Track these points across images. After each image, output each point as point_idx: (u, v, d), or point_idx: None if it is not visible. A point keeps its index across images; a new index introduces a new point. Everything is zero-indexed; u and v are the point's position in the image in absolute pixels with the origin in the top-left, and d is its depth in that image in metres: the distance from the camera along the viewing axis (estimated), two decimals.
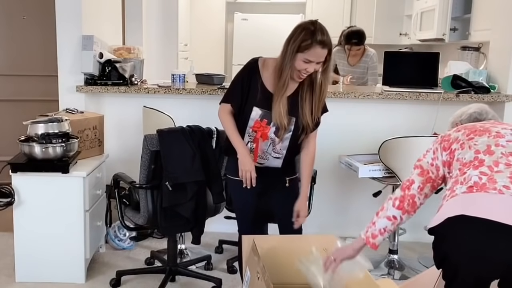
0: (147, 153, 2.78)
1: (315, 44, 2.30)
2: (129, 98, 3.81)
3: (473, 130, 1.90)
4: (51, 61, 3.90)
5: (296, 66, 2.35)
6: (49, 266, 3.08)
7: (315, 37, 2.30)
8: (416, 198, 1.93)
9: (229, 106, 2.52)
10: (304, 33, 2.32)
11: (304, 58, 2.32)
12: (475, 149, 1.82)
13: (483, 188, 1.71)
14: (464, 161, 1.83)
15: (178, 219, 2.84)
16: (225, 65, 6.95)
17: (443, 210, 1.76)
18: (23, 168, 2.99)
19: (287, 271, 2.45)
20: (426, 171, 1.95)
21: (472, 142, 1.85)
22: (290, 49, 2.34)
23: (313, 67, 2.35)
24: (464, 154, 1.84)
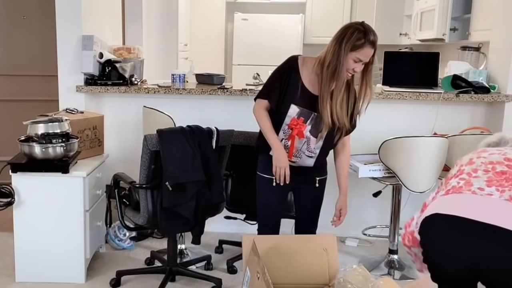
0: (147, 153, 2.77)
1: (367, 43, 2.38)
2: (129, 98, 3.81)
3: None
4: (51, 61, 3.90)
5: (346, 65, 2.41)
6: (49, 266, 3.08)
7: (368, 37, 2.39)
8: (416, 234, 1.95)
9: (266, 102, 2.55)
10: (357, 33, 2.39)
11: (355, 57, 2.39)
12: (459, 165, 2.00)
13: (459, 190, 1.84)
14: (449, 176, 2.00)
15: (178, 219, 2.84)
16: (225, 65, 6.95)
17: (424, 212, 1.89)
18: (23, 168, 2.99)
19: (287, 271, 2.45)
20: None
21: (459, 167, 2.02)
22: (343, 49, 2.39)
23: (360, 67, 2.43)
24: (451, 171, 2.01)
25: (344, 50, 2.39)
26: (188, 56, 5.92)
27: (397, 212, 3.39)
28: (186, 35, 6.08)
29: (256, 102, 2.59)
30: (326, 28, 5.57)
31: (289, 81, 2.51)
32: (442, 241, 1.76)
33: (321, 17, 6.68)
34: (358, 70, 2.43)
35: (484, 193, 1.78)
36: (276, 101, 2.52)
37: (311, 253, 2.49)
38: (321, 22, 6.58)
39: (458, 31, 4.70)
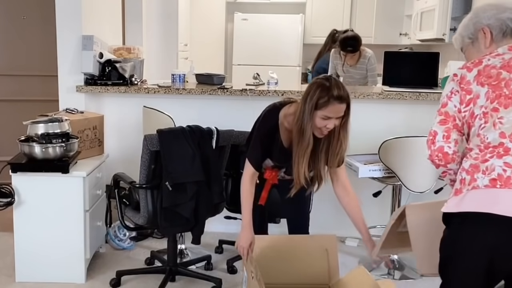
0: (147, 153, 2.77)
1: (332, 100, 2.27)
2: (129, 98, 3.81)
3: (498, 91, 1.69)
4: (51, 61, 3.90)
5: (316, 124, 2.32)
6: (49, 266, 3.08)
7: (331, 92, 2.26)
8: (447, 149, 1.77)
9: (252, 167, 2.51)
10: (320, 90, 2.29)
11: (323, 115, 2.29)
12: (500, 131, 1.65)
13: (507, 183, 1.60)
14: (486, 142, 1.68)
15: (178, 219, 2.84)
16: (225, 65, 6.95)
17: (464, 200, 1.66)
18: (23, 168, 2.99)
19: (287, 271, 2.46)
20: (451, 117, 1.78)
21: (497, 116, 1.67)
22: (307, 108, 2.31)
23: (333, 122, 2.32)
24: (487, 131, 1.67)
25: (308, 109, 2.30)
26: (188, 56, 5.92)
27: None
28: (186, 35, 6.08)
29: (246, 167, 2.52)
30: (326, 28, 5.58)
31: (269, 143, 2.51)
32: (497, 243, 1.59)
33: (321, 17, 6.68)
34: (331, 126, 2.33)
35: None
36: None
37: (311, 253, 2.49)
38: (321, 22, 6.58)
39: None
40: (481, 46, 1.85)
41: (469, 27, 1.88)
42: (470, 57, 1.88)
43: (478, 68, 1.74)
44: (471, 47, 1.89)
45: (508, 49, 1.77)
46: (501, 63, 1.73)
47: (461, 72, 1.78)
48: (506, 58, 1.74)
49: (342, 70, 4.83)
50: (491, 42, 1.83)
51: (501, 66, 1.72)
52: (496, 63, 1.73)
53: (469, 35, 1.89)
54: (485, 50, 1.83)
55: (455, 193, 1.71)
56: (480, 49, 1.86)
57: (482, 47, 1.84)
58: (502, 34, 1.81)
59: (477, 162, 1.68)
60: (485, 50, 1.83)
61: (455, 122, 1.77)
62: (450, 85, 1.80)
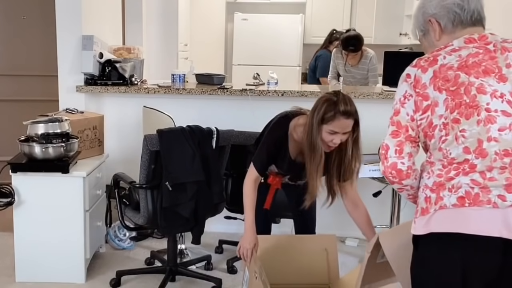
0: (147, 153, 2.77)
1: (338, 115, 2.25)
2: (129, 98, 3.81)
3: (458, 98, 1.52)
4: (51, 61, 3.90)
5: (323, 138, 2.30)
6: (49, 266, 3.08)
7: (338, 107, 2.25)
8: (401, 165, 1.62)
9: (256, 172, 2.49)
10: (326, 104, 2.27)
11: (329, 129, 2.28)
12: (464, 146, 1.51)
13: (476, 201, 1.48)
14: (450, 157, 1.54)
15: (178, 219, 2.84)
16: (225, 65, 6.95)
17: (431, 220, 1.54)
18: (23, 168, 2.99)
19: (287, 271, 2.45)
20: (404, 128, 1.62)
21: (458, 128, 1.52)
22: (315, 122, 2.29)
23: (339, 138, 2.30)
24: (450, 146, 1.53)
25: (315, 124, 2.29)
26: (188, 56, 5.92)
27: (397, 212, 3.40)
28: (186, 35, 6.08)
29: (250, 170, 2.51)
30: (326, 28, 5.59)
31: (277, 150, 2.50)
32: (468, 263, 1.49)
33: (321, 17, 6.68)
34: (337, 142, 2.31)
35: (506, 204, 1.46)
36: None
37: (311, 253, 2.49)
38: (321, 22, 6.58)
39: None
40: (432, 39, 1.68)
41: (418, 19, 1.71)
42: (426, 50, 1.73)
43: (434, 69, 1.56)
44: (424, 40, 1.73)
45: (464, 41, 1.59)
46: (458, 62, 1.55)
47: (415, 73, 1.60)
48: (463, 55, 1.56)
49: (344, 69, 4.83)
50: (440, 34, 1.66)
51: (459, 67, 1.54)
52: (453, 63, 1.55)
53: (420, 27, 1.72)
54: (436, 43, 1.66)
55: (421, 212, 1.57)
56: (432, 42, 1.69)
57: (433, 39, 1.68)
58: (452, 24, 1.63)
59: (441, 180, 1.55)
60: (437, 43, 1.66)
61: (407, 134, 1.61)
62: (403, 87, 1.64)
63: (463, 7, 1.62)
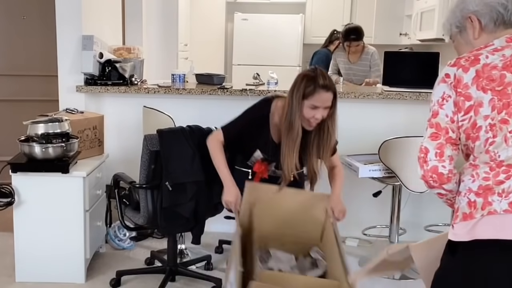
0: (147, 153, 2.77)
1: (318, 88, 2.31)
2: (129, 98, 3.81)
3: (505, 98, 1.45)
4: (51, 61, 3.90)
5: (304, 115, 2.35)
6: (49, 266, 3.08)
7: (317, 81, 2.31)
8: (442, 169, 1.54)
9: (222, 136, 2.53)
10: (306, 80, 2.33)
11: (311, 104, 2.33)
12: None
13: None
14: (498, 160, 1.45)
15: (178, 219, 2.84)
16: (225, 65, 6.95)
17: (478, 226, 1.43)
18: (23, 168, 2.99)
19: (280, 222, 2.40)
20: (443, 130, 1.55)
21: (507, 129, 1.44)
22: (295, 99, 2.35)
23: (320, 113, 2.35)
24: (498, 148, 1.45)
25: (296, 100, 2.34)
26: (188, 56, 5.92)
27: (397, 212, 3.39)
28: (186, 35, 6.08)
29: (214, 133, 2.57)
30: (326, 28, 5.58)
31: (257, 132, 2.52)
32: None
33: (321, 17, 6.68)
34: (319, 116, 2.35)
35: None
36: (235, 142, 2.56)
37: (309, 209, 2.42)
38: (321, 22, 6.58)
39: None
40: (469, 37, 1.63)
41: (456, 14, 1.65)
42: (459, 49, 1.70)
43: (476, 68, 1.50)
44: (459, 37, 1.68)
45: (506, 41, 1.54)
46: (502, 61, 1.49)
47: (454, 73, 1.54)
48: (507, 54, 1.50)
49: (345, 66, 4.83)
50: (480, 32, 1.60)
51: (504, 66, 1.48)
52: (497, 62, 1.49)
53: (456, 23, 1.66)
54: (474, 42, 1.62)
55: (463, 217, 1.47)
56: (468, 41, 1.64)
57: (471, 37, 1.62)
58: (494, 23, 1.57)
59: (489, 183, 1.45)
60: (475, 42, 1.61)
61: (448, 136, 1.55)
62: (441, 88, 1.57)
63: (507, 7, 1.57)
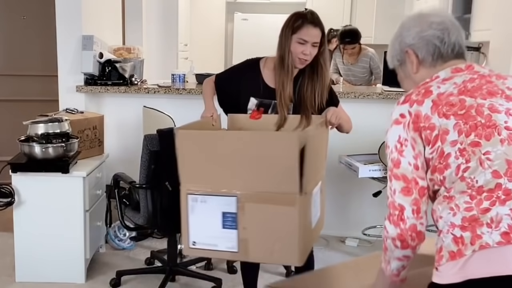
0: (147, 153, 2.77)
1: (306, 23, 2.40)
2: (129, 98, 3.81)
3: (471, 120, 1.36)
4: (51, 61, 3.90)
5: (292, 50, 2.39)
6: (49, 266, 3.08)
7: (306, 17, 2.42)
8: (420, 226, 1.44)
9: (214, 78, 2.66)
10: (295, 16, 2.43)
11: (298, 38, 2.38)
12: (492, 170, 1.31)
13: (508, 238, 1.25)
14: (477, 186, 1.32)
15: (178, 219, 2.83)
16: (225, 65, 6.94)
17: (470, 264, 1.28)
18: (23, 168, 2.99)
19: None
20: (412, 181, 1.42)
21: (480, 152, 1.33)
22: (284, 35, 2.41)
23: (308, 48, 2.38)
24: (474, 173, 1.32)
25: (285, 36, 2.41)
26: (188, 56, 5.92)
27: None
28: (186, 35, 6.08)
29: (209, 78, 2.68)
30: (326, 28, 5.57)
31: (248, 77, 2.56)
32: None
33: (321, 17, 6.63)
34: (307, 52, 2.38)
35: None
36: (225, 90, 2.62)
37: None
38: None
39: None
40: (409, 71, 1.57)
41: (395, 47, 1.59)
42: (402, 83, 1.66)
43: (431, 99, 1.40)
44: (400, 71, 1.63)
45: (452, 72, 1.46)
46: (457, 88, 1.41)
47: (408, 110, 1.42)
48: (459, 82, 1.43)
49: (343, 67, 4.84)
50: (418, 66, 1.54)
51: (460, 92, 1.40)
52: (451, 90, 1.41)
53: (396, 56, 1.60)
54: (414, 76, 1.55)
55: (451, 257, 1.30)
56: (409, 75, 1.58)
57: (411, 72, 1.56)
58: (431, 57, 1.51)
59: (473, 214, 1.30)
60: (415, 76, 1.55)
61: (419, 186, 1.42)
62: (395, 130, 1.43)
63: (443, 39, 1.50)
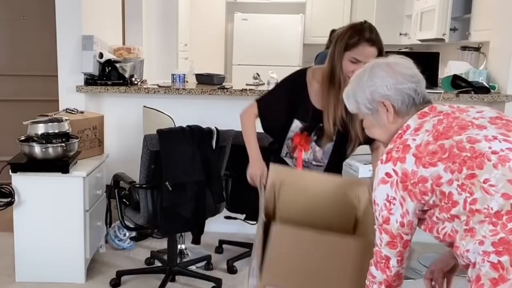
0: (147, 153, 2.77)
1: (362, 41, 2.16)
2: (129, 98, 3.81)
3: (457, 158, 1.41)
4: (51, 61, 3.90)
5: (344, 68, 2.20)
6: (49, 266, 3.08)
7: (363, 34, 2.16)
8: (402, 270, 1.59)
9: (257, 110, 2.39)
10: (352, 31, 2.19)
11: (351, 57, 2.18)
12: (500, 193, 1.35)
13: None
14: (492, 212, 1.35)
15: (178, 219, 2.84)
16: (225, 65, 6.95)
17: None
18: (23, 168, 2.99)
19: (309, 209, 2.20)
20: (398, 236, 1.53)
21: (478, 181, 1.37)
22: (337, 49, 2.21)
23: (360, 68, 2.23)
24: (485, 201, 1.36)
25: (338, 51, 2.21)
26: (188, 56, 5.92)
27: None
28: (186, 35, 6.08)
29: (249, 106, 2.42)
30: (326, 28, 5.56)
31: (295, 98, 2.35)
32: None
33: (321, 17, 6.68)
34: None
35: None
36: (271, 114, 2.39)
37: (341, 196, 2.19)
38: (321, 22, 6.59)
39: (458, 31, 4.71)
40: (383, 121, 1.62)
41: (365, 94, 1.62)
42: (371, 129, 1.68)
43: (411, 153, 1.46)
44: (371, 118, 1.65)
45: (419, 117, 1.54)
46: (431, 135, 1.47)
47: (393, 168, 1.48)
48: (429, 128, 1.49)
49: None
50: (395, 117, 1.60)
51: (435, 138, 1.46)
52: (426, 138, 1.47)
53: (366, 104, 1.62)
54: (389, 126, 1.61)
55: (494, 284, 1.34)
56: (383, 124, 1.62)
57: (385, 121, 1.61)
58: (406, 107, 1.58)
59: (503, 237, 1.34)
60: (390, 126, 1.61)
61: (403, 241, 1.54)
62: (382, 189, 1.51)
63: (416, 90, 1.60)
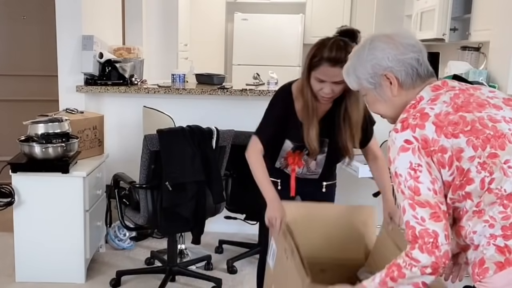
0: (147, 153, 2.77)
1: (323, 61, 2.04)
2: (129, 98, 3.81)
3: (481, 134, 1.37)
4: (51, 61, 3.90)
5: (312, 86, 2.11)
6: (49, 266, 3.08)
7: (324, 53, 2.04)
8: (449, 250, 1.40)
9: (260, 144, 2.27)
10: (315, 49, 2.08)
11: (316, 77, 2.08)
12: None
13: None
14: (505, 194, 1.34)
15: (178, 219, 2.84)
16: (225, 65, 6.95)
17: None
18: (23, 168, 2.99)
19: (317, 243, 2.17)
20: (436, 206, 1.38)
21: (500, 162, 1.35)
22: (304, 67, 2.14)
23: (329, 87, 2.07)
24: (501, 183, 1.35)
25: (304, 69, 2.12)
26: (188, 56, 5.91)
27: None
28: (186, 35, 6.08)
29: (251, 141, 2.27)
30: (326, 28, 5.52)
31: (284, 119, 2.28)
32: None
33: (321, 17, 6.68)
34: (327, 91, 2.08)
35: None
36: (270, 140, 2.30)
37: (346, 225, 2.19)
38: (321, 22, 6.58)
39: (458, 31, 4.70)
40: (387, 94, 1.54)
41: (366, 69, 1.53)
42: (375, 105, 1.60)
43: (431, 121, 1.39)
44: (374, 93, 1.57)
45: (432, 90, 1.48)
46: (450, 106, 1.41)
47: (413, 135, 1.39)
48: (447, 100, 1.43)
49: None
50: (399, 89, 1.52)
51: (455, 110, 1.40)
52: (445, 109, 1.41)
53: (368, 79, 1.54)
54: (393, 99, 1.54)
55: (499, 267, 1.33)
56: (387, 98, 1.55)
57: (389, 95, 1.54)
58: (411, 79, 1.51)
59: None
60: (394, 99, 1.54)
61: (443, 212, 1.39)
62: (405, 158, 1.40)
63: (419, 60, 1.51)
